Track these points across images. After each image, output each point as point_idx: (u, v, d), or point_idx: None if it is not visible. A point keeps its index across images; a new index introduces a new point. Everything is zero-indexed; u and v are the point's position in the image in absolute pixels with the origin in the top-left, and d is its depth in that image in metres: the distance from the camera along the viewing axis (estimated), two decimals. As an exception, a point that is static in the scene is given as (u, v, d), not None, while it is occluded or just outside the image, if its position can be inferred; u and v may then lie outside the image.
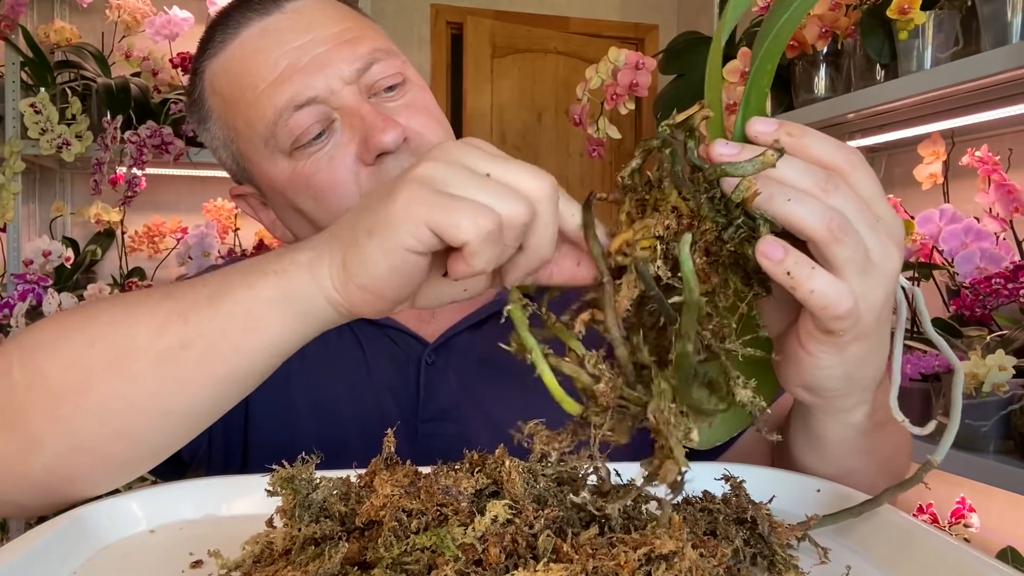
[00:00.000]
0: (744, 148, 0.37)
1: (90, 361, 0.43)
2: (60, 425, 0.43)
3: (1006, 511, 1.55)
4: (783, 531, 0.40)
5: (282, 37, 0.61)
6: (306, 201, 0.63)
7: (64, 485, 0.45)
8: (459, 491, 0.35)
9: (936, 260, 1.36)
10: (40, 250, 1.98)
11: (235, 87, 0.63)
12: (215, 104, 0.66)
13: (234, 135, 0.66)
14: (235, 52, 0.63)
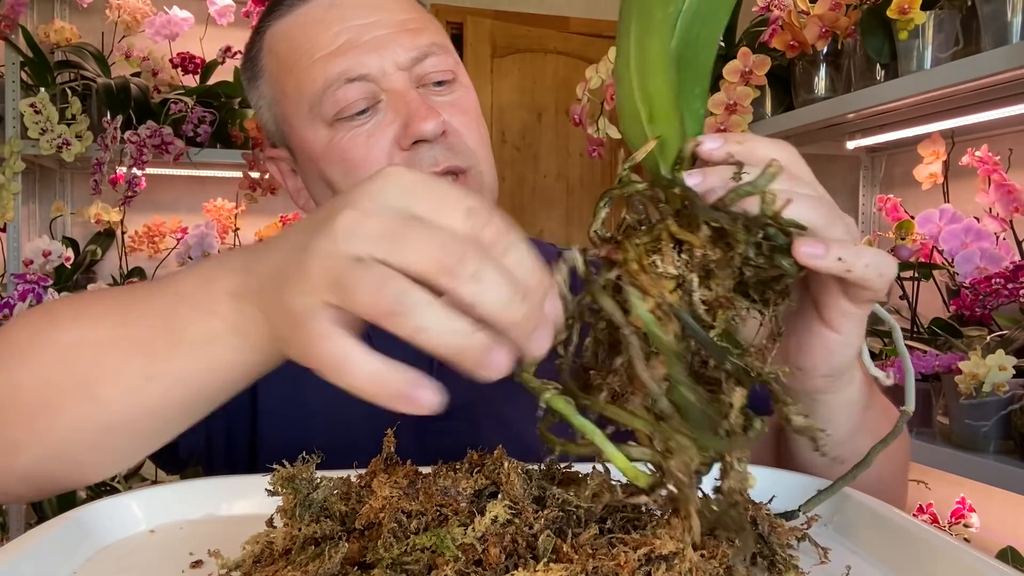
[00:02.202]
0: (705, 173, 0.37)
1: (61, 382, 0.44)
2: (36, 436, 0.45)
3: (1006, 511, 1.55)
4: (783, 531, 0.40)
5: (347, 13, 0.63)
6: (336, 173, 0.64)
7: (47, 482, 0.48)
8: (458, 491, 0.35)
9: (936, 260, 1.36)
10: (40, 250, 1.98)
11: (292, 51, 0.64)
12: (269, 64, 0.67)
13: (281, 97, 0.67)
14: (299, 18, 0.64)
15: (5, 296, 1.74)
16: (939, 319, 1.34)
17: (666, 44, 0.37)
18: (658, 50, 0.37)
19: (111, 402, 0.44)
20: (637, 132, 0.38)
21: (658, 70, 0.37)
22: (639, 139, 0.38)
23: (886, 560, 0.42)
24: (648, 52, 0.37)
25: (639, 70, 0.37)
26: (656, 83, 0.37)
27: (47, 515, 1.90)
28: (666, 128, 0.38)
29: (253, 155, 2.09)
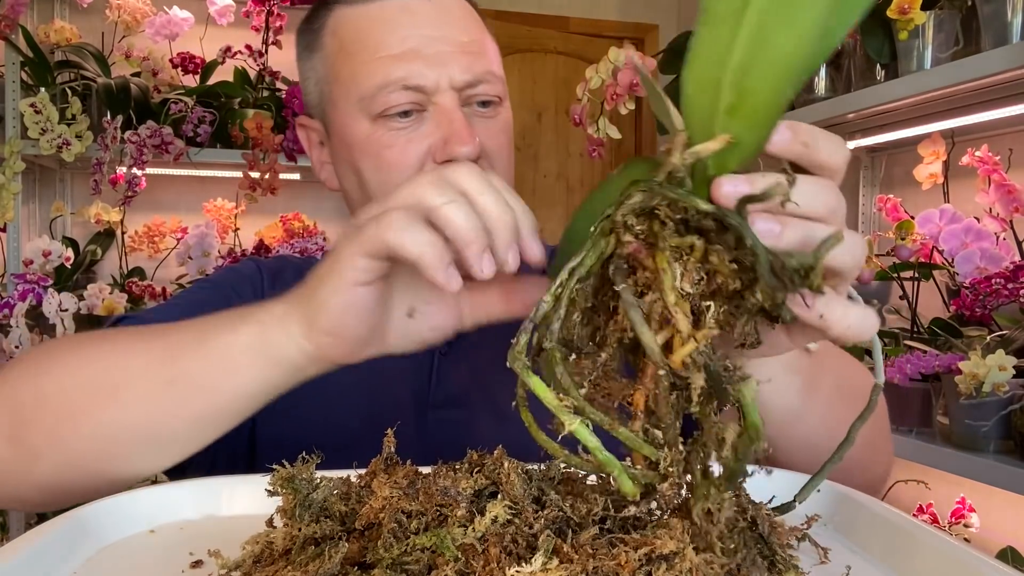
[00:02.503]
0: (784, 223, 0.33)
1: (89, 388, 0.48)
2: (58, 443, 0.48)
3: (1006, 511, 1.55)
4: (783, 531, 0.40)
5: (418, 20, 0.64)
6: (368, 166, 0.66)
7: (61, 493, 0.51)
8: (458, 492, 0.35)
9: (936, 260, 1.36)
10: (40, 250, 1.98)
11: (357, 42, 0.66)
12: (330, 44, 0.68)
13: (333, 78, 0.68)
14: (371, 12, 0.66)
15: (5, 296, 1.74)
16: (939, 319, 1.34)
17: (804, 47, 0.31)
18: (791, 51, 0.31)
19: (133, 406, 0.47)
20: (701, 112, 0.34)
21: (778, 71, 0.32)
22: (700, 123, 0.34)
23: (886, 560, 0.42)
24: (776, 48, 0.31)
25: (749, 55, 0.32)
26: (767, 82, 0.32)
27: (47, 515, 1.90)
28: (746, 132, 0.33)
29: (253, 155, 2.09)
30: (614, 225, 0.34)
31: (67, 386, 0.48)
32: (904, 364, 1.19)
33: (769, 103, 0.32)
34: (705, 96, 0.33)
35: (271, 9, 2.21)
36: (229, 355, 0.45)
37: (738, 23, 0.31)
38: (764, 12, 0.31)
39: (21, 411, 0.49)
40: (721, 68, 0.32)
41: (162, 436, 0.48)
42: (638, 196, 0.33)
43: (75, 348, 0.51)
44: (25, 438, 0.49)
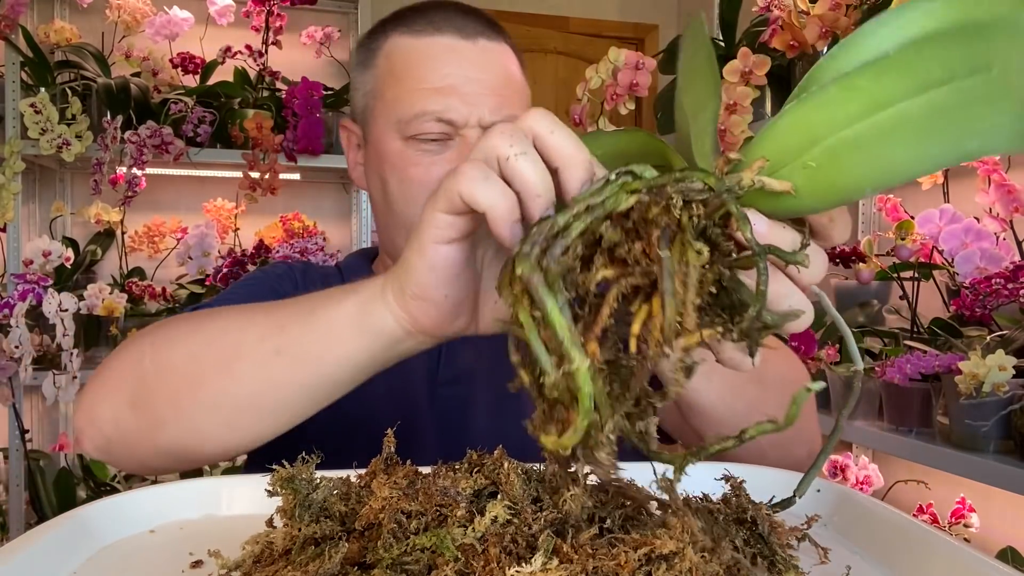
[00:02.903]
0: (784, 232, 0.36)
1: (205, 360, 0.51)
2: (179, 412, 0.52)
3: (1006, 511, 1.55)
4: (783, 531, 0.40)
5: (463, 62, 0.72)
6: (394, 178, 0.74)
7: (181, 459, 0.55)
8: (458, 492, 0.35)
9: (936, 260, 1.36)
10: (40, 250, 1.98)
11: (405, 69, 0.73)
12: (382, 64, 0.76)
13: (379, 95, 0.76)
14: (422, 46, 0.73)
15: (5, 296, 1.74)
16: (939, 319, 1.34)
17: (909, 171, 0.31)
18: (899, 167, 0.31)
19: (246, 376, 0.50)
20: (778, 145, 0.34)
21: (874, 172, 0.32)
22: (775, 154, 0.34)
23: (886, 560, 0.42)
24: (888, 156, 0.31)
25: (862, 139, 0.32)
26: (858, 173, 0.32)
27: (47, 515, 1.90)
28: (807, 194, 0.34)
29: (253, 155, 2.09)
30: (652, 192, 0.33)
31: (187, 358, 0.52)
32: (904, 364, 1.19)
33: (846, 188, 0.33)
34: (794, 137, 0.33)
35: (271, 9, 2.21)
36: (333, 326, 0.47)
37: (875, 108, 0.31)
38: (904, 120, 0.30)
39: (145, 381, 0.53)
40: (831, 127, 0.32)
41: (273, 405, 0.50)
42: (698, 184, 0.33)
43: (192, 324, 0.55)
44: (149, 406, 0.53)
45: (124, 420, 0.54)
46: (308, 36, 2.40)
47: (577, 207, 0.33)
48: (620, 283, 0.33)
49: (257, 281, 0.80)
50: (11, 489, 1.95)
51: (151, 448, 0.54)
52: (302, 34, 2.40)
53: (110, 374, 0.57)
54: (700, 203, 0.33)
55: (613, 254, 0.34)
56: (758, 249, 0.32)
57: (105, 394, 0.56)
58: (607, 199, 0.33)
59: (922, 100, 0.30)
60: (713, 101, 0.37)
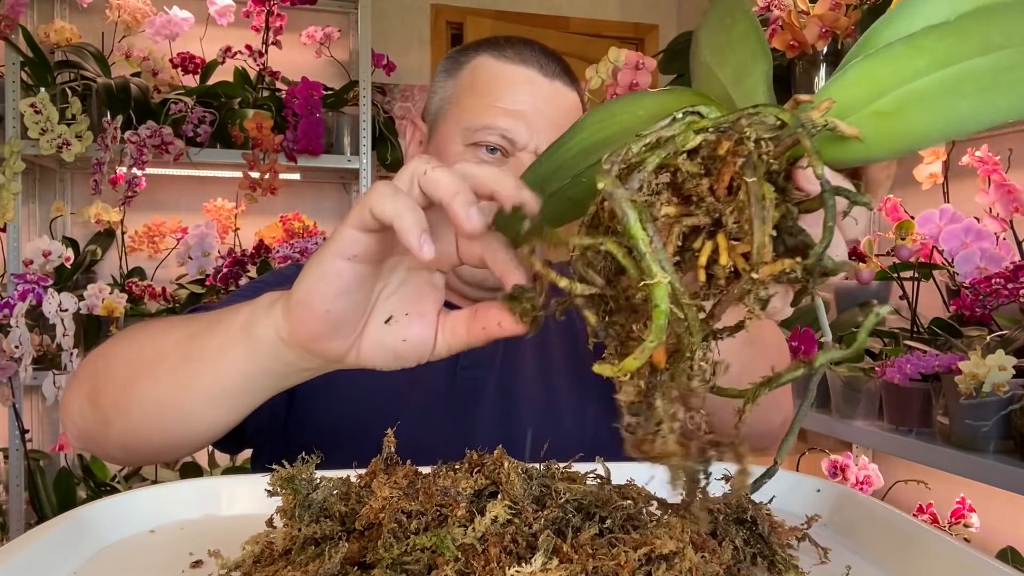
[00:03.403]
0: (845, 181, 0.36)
1: (136, 363, 0.55)
2: (118, 410, 0.55)
3: (1006, 511, 1.55)
4: (783, 531, 0.40)
5: (537, 94, 0.80)
6: None
7: (134, 454, 0.58)
8: (458, 492, 0.35)
9: (936, 260, 1.36)
10: (40, 250, 1.98)
11: (485, 86, 0.81)
12: (465, 77, 0.84)
13: (455, 102, 0.83)
14: (506, 70, 0.81)
15: (5, 296, 1.74)
16: (939, 319, 1.34)
17: (976, 122, 0.33)
18: (966, 118, 0.33)
19: (161, 380, 0.52)
20: (848, 92, 0.35)
21: (942, 125, 0.34)
22: (842, 101, 0.35)
23: (886, 560, 0.42)
24: (958, 108, 0.33)
25: (932, 91, 0.33)
26: (925, 123, 0.34)
27: (47, 515, 1.90)
28: (874, 141, 0.35)
29: (253, 155, 2.09)
30: (723, 129, 0.33)
31: (125, 360, 0.56)
32: (904, 364, 1.19)
33: (913, 137, 0.34)
34: (863, 88, 0.34)
35: (271, 9, 2.21)
36: (227, 334, 0.49)
37: (942, 64, 0.33)
38: (971, 75, 0.32)
39: (97, 379, 0.57)
40: (898, 80, 0.34)
41: (185, 408, 0.52)
42: (770, 120, 0.33)
43: (139, 328, 0.59)
44: (99, 403, 0.57)
45: (85, 416, 0.58)
46: (308, 36, 2.40)
47: (648, 138, 0.33)
48: (682, 221, 0.33)
49: (257, 286, 0.82)
50: (11, 489, 1.95)
51: (108, 442, 0.58)
52: (302, 34, 2.40)
53: (77, 374, 0.62)
54: (769, 141, 0.33)
55: (679, 191, 0.34)
56: (828, 187, 0.32)
57: (74, 392, 0.60)
58: (676, 136, 0.33)
59: (988, 59, 0.32)
60: (762, 62, 0.38)
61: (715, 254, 0.33)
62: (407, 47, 2.77)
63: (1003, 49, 0.31)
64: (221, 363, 0.49)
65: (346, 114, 2.27)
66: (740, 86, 0.38)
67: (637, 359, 0.31)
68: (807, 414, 0.43)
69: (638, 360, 0.31)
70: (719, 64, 0.39)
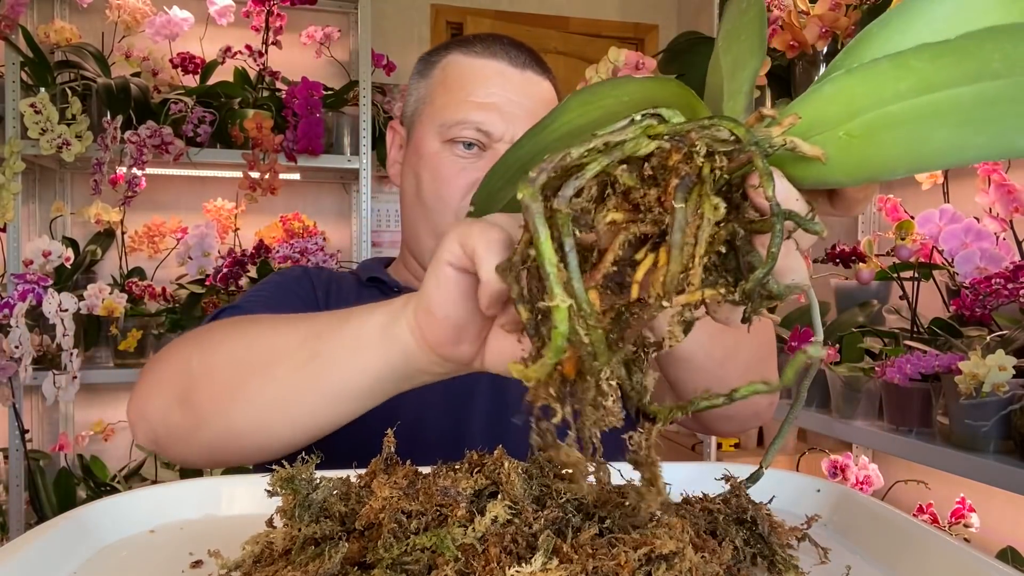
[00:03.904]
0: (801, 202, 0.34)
1: (247, 362, 0.54)
2: (219, 410, 0.54)
3: (1006, 511, 1.55)
4: (783, 531, 0.40)
5: (508, 85, 0.81)
6: (426, 175, 0.82)
7: (221, 456, 0.57)
8: (458, 492, 0.35)
9: (936, 260, 1.36)
10: (40, 250, 1.98)
11: (456, 81, 0.82)
12: (437, 75, 0.85)
13: (428, 101, 0.85)
14: (476, 64, 0.82)
15: (5, 296, 1.74)
16: (939, 319, 1.34)
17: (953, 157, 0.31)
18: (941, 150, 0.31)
19: (282, 381, 0.51)
20: (818, 111, 0.33)
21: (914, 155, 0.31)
22: (811, 118, 0.33)
23: (886, 560, 0.42)
24: (932, 139, 0.30)
25: (907, 117, 0.31)
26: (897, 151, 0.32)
27: (47, 515, 1.90)
28: (839, 165, 0.33)
29: (253, 155, 2.09)
30: (675, 139, 0.32)
31: (231, 361, 0.55)
32: (904, 364, 1.19)
33: (879, 166, 0.31)
34: (835, 107, 0.32)
35: (271, 9, 2.21)
36: (360, 334, 0.48)
37: (926, 89, 0.30)
38: (954, 105, 0.30)
39: (191, 381, 0.56)
40: (876, 102, 0.31)
41: (300, 410, 0.52)
42: (724, 133, 0.31)
43: (238, 329, 0.57)
44: (193, 404, 0.55)
45: (171, 416, 0.57)
46: (308, 36, 2.40)
47: (595, 142, 0.31)
48: (629, 229, 0.32)
49: (278, 284, 0.83)
50: (11, 489, 1.95)
51: (195, 444, 0.57)
52: (302, 34, 2.41)
53: (160, 373, 0.59)
54: (724, 155, 0.31)
55: (627, 197, 0.32)
56: (777, 210, 0.31)
57: (155, 391, 0.59)
58: (627, 141, 0.31)
59: (975, 89, 0.29)
60: (756, 58, 0.36)
61: (654, 267, 0.32)
62: (407, 47, 2.77)
63: (996, 79, 0.28)
64: (353, 362, 0.48)
65: (346, 114, 2.27)
66: (732, 79, 0.37)
67: (537, 371, 0.30)
68: (796, 418, 0.42)
69: (538, 372, 0.30)
70: (724, 51, 0.38)
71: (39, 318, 1.82)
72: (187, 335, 0.61)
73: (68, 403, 2.31)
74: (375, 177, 2.35)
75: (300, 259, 1.98)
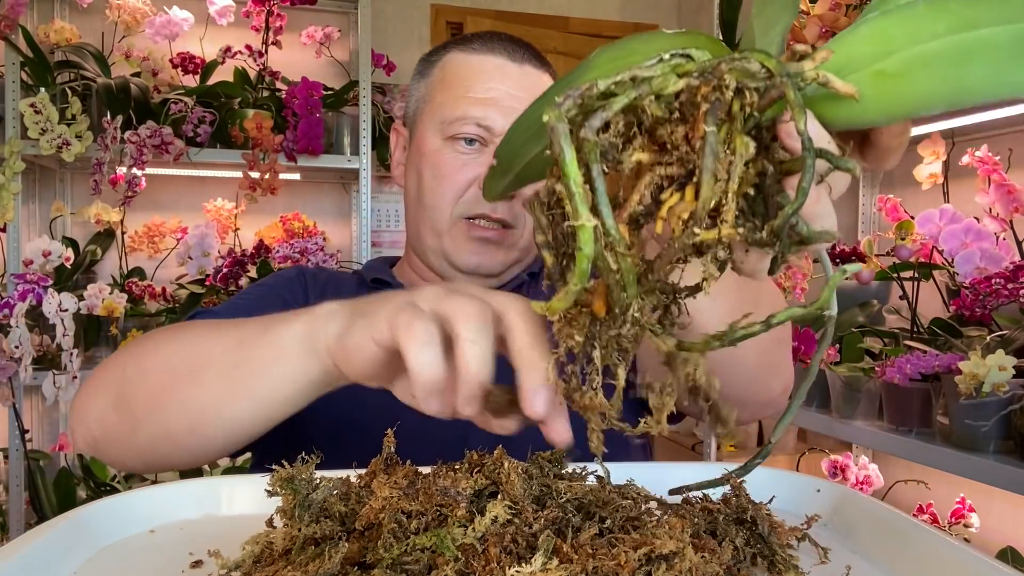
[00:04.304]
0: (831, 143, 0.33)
1: (177, 368, 0.55)
2: (153, 415, 0.55)
3: (1006, 511, 1.55)
4: (783, 531, 0.40)
5: (507, 80, 0.82)
6: (428, 172, 0.82)
7: (157, 460, 0.59)
8: (458, 492, 0.35)
9: (936, 260, 1.36)
10: (40, 250, 1.98)
11: (456, 79, 0.83)
12: (437, 75, 0.86)
13: (429, 100, 0.85)
14: (474, 61, 0.83)
15: (5, 296, 1.74)
16: (939, 319, 1.34)
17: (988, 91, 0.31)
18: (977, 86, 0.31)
19: (208, 386, 0.53)
20: (852, 50, 0.32)
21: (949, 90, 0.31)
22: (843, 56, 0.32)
23: (886, 560, 0.42)
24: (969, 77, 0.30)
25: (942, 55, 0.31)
26: (931, 86, 0.31)
27: (47, 515, 1.90)
28: (873, 102, 0.32)
29: (253, 155, 2.09)
30: (705, 74, 0.30)
31: (161, 366, 0.56)
32: (904, 364, 1.19)
33: (915, 102, 0.31)
34: (873, 45, 0.32)
35: (271, 9, 2.21)
36: (281, 343, 0.50)
37: (963, 28, 0.30)
38: (990, 43, 0.30)
39: (126, 385, 0.57)
40: (912, 41, 0.31)
41: (229, 415, 0.53)
42: (755, 67, 0.30)
43: (171, 335, 0.59)
44: (128, 409, 0.56)
45: (107, 420, 0.58)
46: (308, 36, 2.40)
47: (623, 75, 0.30)
48: (655, 171, 0.31)
49: (268, 287, 0.84)
50: (11, 489, 1.95)
51: (131, 446, 0.58)
52: (302, 34, 2.41)
53: (99, 378, 0.61)
54: (754, 91, 0.30)
55: (653, 136, 0.31)
56: (809, 144, 0.30)
57: (93, 396, 0.60)
58: (655, 77, 0.30)
59: (1013, 29, 0.29)
60: (788, 14, 0.35)
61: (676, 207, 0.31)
62: (407, 47, 2.77)
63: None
64: (274, 371, 0.50)
65: (346, 114, 2.27)
66: (764, 36, 0.36)
67: (561, 301, 0.29)
68: (805, 394, 0.41)
69: (562, 302, 0.29)
70: (757, 15, 0.38)
71: (39, 318, 1.82)
72: (130, 342, 0.63)
73: (68, 403, 2.31)
74: (375, 177, 2.35)
75: (300, 259, 1.98)
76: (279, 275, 0.88)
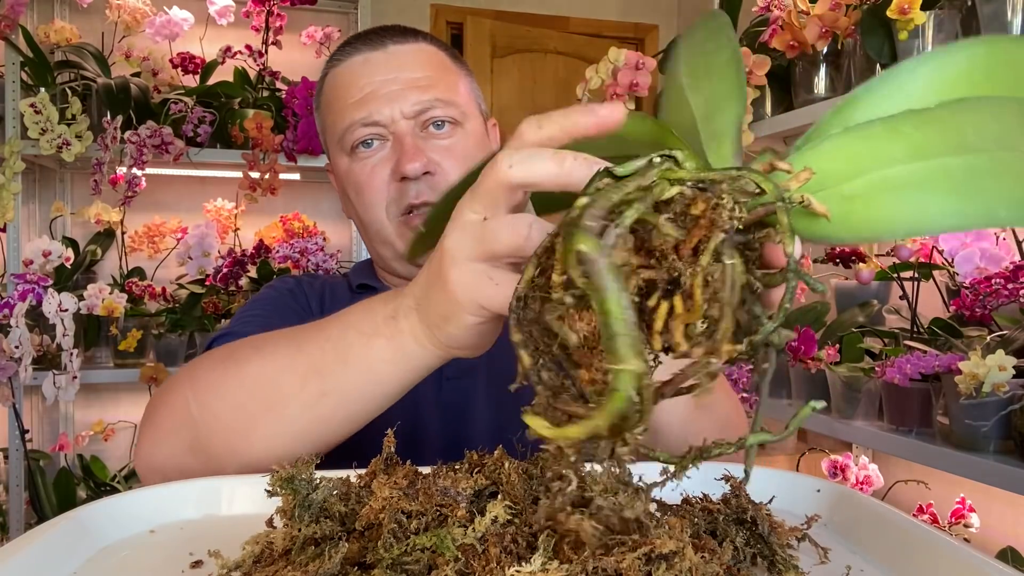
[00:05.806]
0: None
1: (251, 407, 0.54)
2: (235, 454, 0.55)
3: (1006, 511, 1.55)
4: (783, 531, 0.40)
5: (376, 69, 0.80)
6: (351, 192, 0.83)
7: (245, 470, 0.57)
8: (458, 492, 0.35)
9: (936, 260, 1.36)
10: (40, 250, 1.98)
11: (334, 95, 0.83)
12: (323, 101, 0.86)
13: (325, 127, 0.86)
14: (343, 70, 0.82)
15: (5, 296, 1.74)
16: (939, 319, 1.34)
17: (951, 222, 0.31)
18: (940, 218, 0.31)
19: (293, 417, 0.53)
20: (828, 163, 0.33)
21: (912, 220, 0.31)
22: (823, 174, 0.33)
23: (886, 560, 0.42)
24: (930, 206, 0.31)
25: (907, 181, 0.32)
26: (898, 213, 0.32)
27: (47, 515, 1.90)
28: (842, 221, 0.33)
29: (253, 155, 2.09)
30: (700, 186, 0.30)
31: (234, 408, 0.55)
32: (904, 364, 1.19)
33: (878, 227, 0.32)
34: (839, 163, 0.32)
35: (271, 9, 2.21)
36: (372, 368, 0.50)
37: (918, 155, 0.31)
38: (945, 173, 0.30)
39: (197, 429, 0.56)
40: (874, 163, 0.32)
41: (322, 439, 0.54)
42: (751, 187, 0.31)
43: (230, 369, 0.56)
44: (206, 452, 0.55)
45: (186, 465, 0.57)
46: (308, 36, 2.40)
47: (629, 187, 0.30)
48: (639, 274, 0.30)
49: (273, 300, 0.84)
50: (11, 489, 1.95)
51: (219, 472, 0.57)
52: (302, 34, 2.41)
53: (162, 422, 0.59)
54: (741, 206, 0.30)
55: (639, 240, 0.31)
56: (793, 267, 0.30)
57: (161, 441, 0.58)
58: (654, 186, 0.30)
59: (962, 160, 0.30)
60: (736, 104, 0.36)
61: (669, 318, 0.30)
62: (407, 47, 2.76)
63: (976, 152, 0.29)
64: (373, 392, 0.51)
65: (346, 114, 2.27)
66: (710, 122, 0.36)
67: (579, 432, 0.29)
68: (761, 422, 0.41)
69: (579, 433, 0.29)
70: (692, 88, 0.38)
71: (39, 318, 1.82)
72: (180, 374, 0.60)
73: (68, 403, 2.31)
74: (375, 177, 2.35)
75: (300, 259, 1.98)
76: (278, 287, 0.87)
